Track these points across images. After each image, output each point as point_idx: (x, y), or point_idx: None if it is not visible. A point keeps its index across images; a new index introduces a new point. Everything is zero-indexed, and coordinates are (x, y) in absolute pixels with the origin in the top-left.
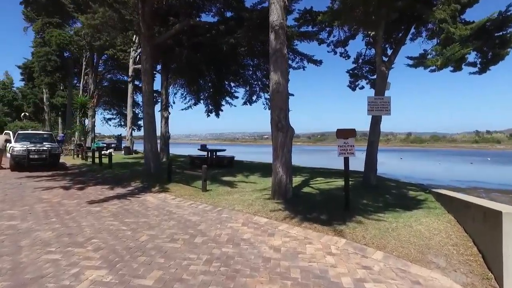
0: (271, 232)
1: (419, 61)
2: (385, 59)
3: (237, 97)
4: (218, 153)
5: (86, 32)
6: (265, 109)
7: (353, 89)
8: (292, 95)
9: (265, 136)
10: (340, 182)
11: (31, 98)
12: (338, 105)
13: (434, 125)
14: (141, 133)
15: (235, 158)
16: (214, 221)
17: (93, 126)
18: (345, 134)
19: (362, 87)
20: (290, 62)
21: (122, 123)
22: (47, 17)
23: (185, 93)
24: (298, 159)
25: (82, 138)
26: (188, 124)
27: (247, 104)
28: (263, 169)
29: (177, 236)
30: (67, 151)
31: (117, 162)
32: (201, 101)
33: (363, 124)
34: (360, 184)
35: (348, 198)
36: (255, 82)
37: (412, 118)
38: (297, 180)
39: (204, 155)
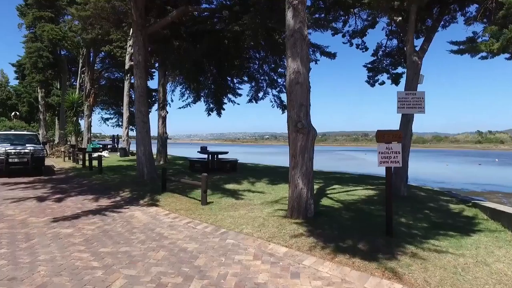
0: (295, 271)
1: (469, 47)
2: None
3: (240, 95)
4: (220, 156)
5: (77, 26)
6: (273, 107)
7: (372, 85)
8: None
9: (265, 137)
10: (362, 192)
11: (25, 97)
12: (340, 104)
13: (435, 125)
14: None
15: (238, 161)
16: (217, 251)
17: (89, 126)
18: (387, 137)
19: (383, 83)
20: None
21: (120, 123)
22: (39, 11)
23: (183, 89)
24: None
25: (80, 139)
26: (189, 125)
27: (252, 102)
28: (270, 174)
29: (166, 279)
30: (59, 153)
31: (110, 166)
32: (202, 99)
33: (366, 124)
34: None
35: (391, 220)
36: (262, 77)
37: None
38: None
39: (205, 159)
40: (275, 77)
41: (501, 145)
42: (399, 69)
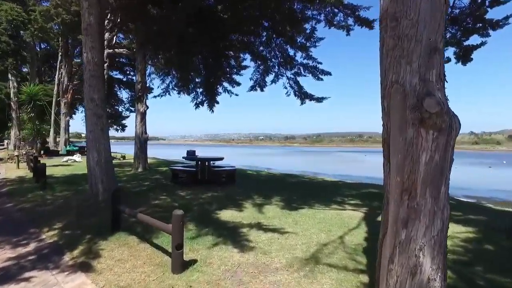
0: None
1: None
2: None
3: (239, 84)
4: (213, 163)
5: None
6: (288, 94)
7: None
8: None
9: (260, 138)
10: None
11: None
12: (334, 103)
13: None
14: (124, 133)
15: (235, 167)
16: None
17: (67, 125)
18: None
19: (448, 60)
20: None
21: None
22: None
23: (164, 76)
24: (315, 165)
25: (58, 139)
26: (183, 125)
27: (256, 90)
28: (280, 187)
29: None
30: (14, 158)
31: (72, 174)
32: (190, 88)
33: (360, 125)
34: (493, 232)
35: None
36: (272, 53)
37: None
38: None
39: (193, 167)
40: (293, 52)
41: (498, 146)
42: (472, 40)
